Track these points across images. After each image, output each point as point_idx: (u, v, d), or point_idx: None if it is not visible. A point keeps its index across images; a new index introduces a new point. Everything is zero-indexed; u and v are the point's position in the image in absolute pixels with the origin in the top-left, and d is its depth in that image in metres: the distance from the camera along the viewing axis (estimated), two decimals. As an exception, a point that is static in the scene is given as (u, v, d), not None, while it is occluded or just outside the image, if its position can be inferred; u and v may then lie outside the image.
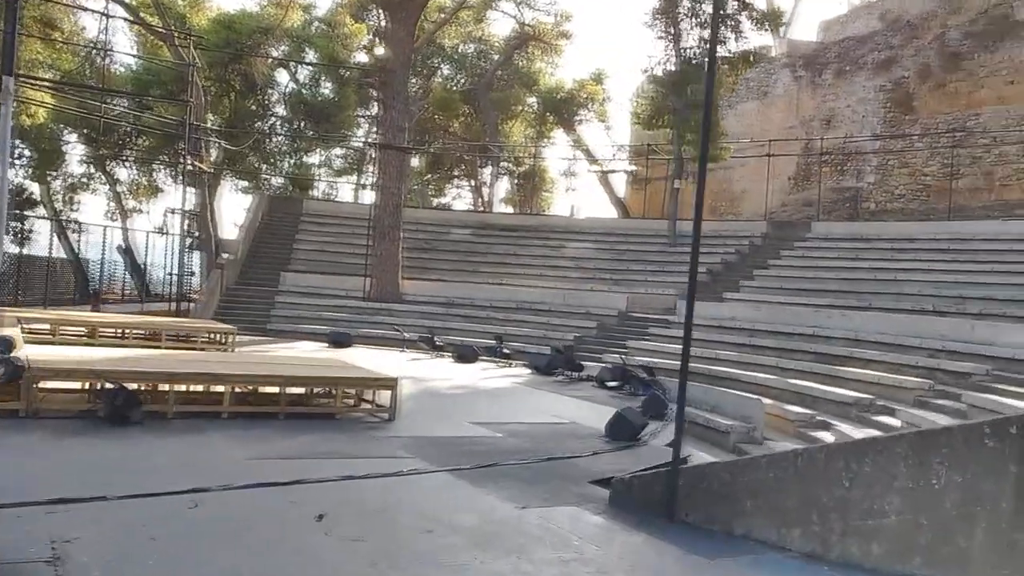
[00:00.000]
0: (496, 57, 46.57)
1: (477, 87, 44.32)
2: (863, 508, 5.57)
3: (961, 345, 16.67)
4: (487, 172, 53.90)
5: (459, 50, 47.45)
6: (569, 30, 42.71)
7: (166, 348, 16.23)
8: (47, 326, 15.93)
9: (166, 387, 9.13)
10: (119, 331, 16.70)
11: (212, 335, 17.59)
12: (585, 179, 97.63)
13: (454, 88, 46.00)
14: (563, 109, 46.09)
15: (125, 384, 8.81)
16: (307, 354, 18.19)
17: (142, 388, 9.31)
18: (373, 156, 50.73)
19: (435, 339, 20.52)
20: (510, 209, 49.52)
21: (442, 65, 48.11)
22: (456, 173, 56.65)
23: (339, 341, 21.04)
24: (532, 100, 47.78)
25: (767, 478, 6.05)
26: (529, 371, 17.61)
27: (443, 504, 6.50)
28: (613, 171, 43.13)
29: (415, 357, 20.04)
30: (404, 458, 8.06)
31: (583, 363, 17.32)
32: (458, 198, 58.68)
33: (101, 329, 16.22)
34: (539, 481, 7.50)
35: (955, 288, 21.60)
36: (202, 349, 16.81)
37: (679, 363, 19.25)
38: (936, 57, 30.19)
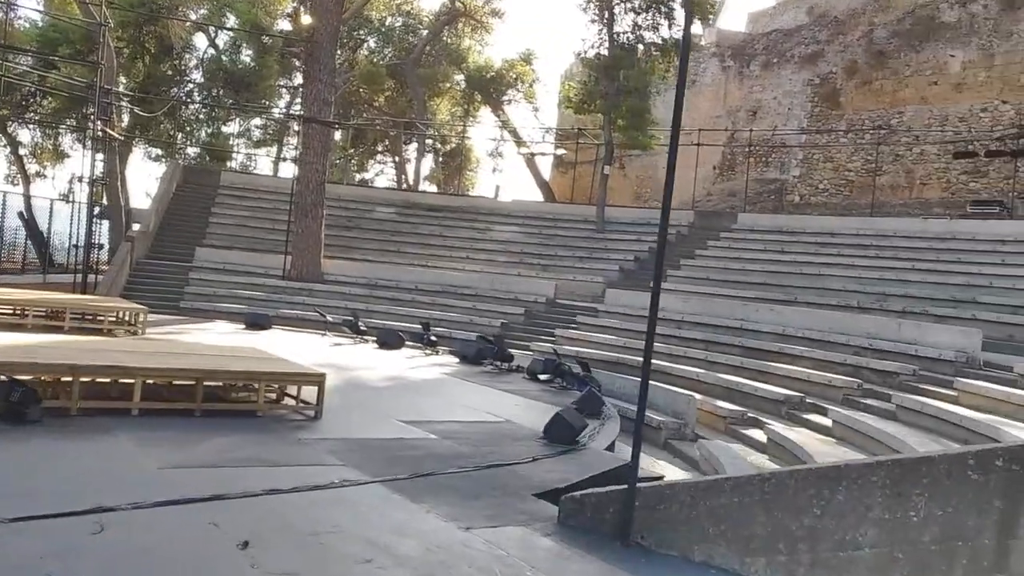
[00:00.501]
0: (424, 32, 45.58)
1: (404, 62, 43.27)
2: (835, 539, 5.24)
3: (888, 344, 16.82)
4: (411, 149, 52.98)
5: (386, 23, 46.31)
6: (500, 8, 41.98)
7: (70, 329, 15.16)
8: (-64, 302, 14.68)
9: (69, 378, 8.28)
10: (18, 309, 15.51)
11: (121, 314, 16.52)
12: (510, 160, 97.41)
13: (380, 62, 44.86)
14: (491, 88, 45.43)
15: (21, 377, 7.96)
16: (223, 337, 17.29)
17: (42, 379, 8.46)
18: (295, 129, 49.37)
19: (359, 323, 19.79)
20: (433, 188, 48.75)
21: (368, 38, 46.89)
22: (379, 149, 55.58)
23: (257, 323, 20.12)
24: (460, 78, 46.96)
25: (731, 503, 5.67)
26: (457, 360, 17.07)
27: (380, 524, 5.94)
28: (542, 153, 42.60)
29: (337, 342, 19.29)
30: (334, 465, 7.45)
31: (512, 352, 16.82)
32: (381, 174, 57.71)
33: (-3, 307, 15.04)
34: (480, 494, 7.00)
35: (878, 285, 21.91)
36: (110, 331, 15.78)
37: (610, 354, 19.03)
38: (863, 54, 30.59)
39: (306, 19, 24.87)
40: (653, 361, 18.80)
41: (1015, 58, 26.26)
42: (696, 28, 41.83)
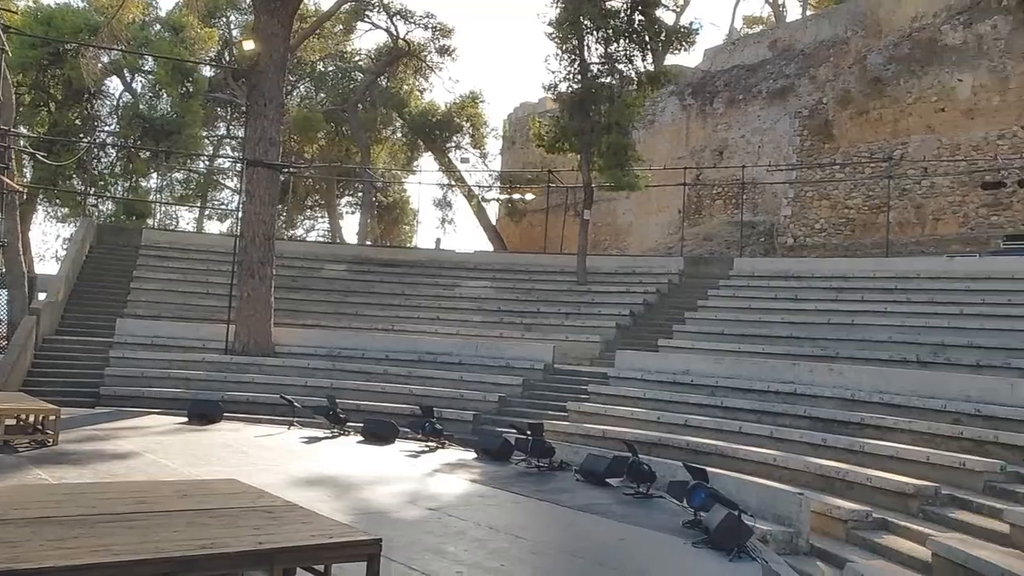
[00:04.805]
0: (362, 76, 42.08)
1: (344, 107, 39.60)
2: None
3: (1002, 409, 13.59)
4: (343, 202, 49.17)
5: (319, 68, 42.66)
6: (450, 45, 38.70)
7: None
8: None
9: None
10: None
11: (23, 418, 12.27)
12: (452, 209, 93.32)
13: (313, 109, 41.00)
14: (435, 133, 42.04)
15: None
16: (165, 442, 13.17)
17: None
18: (223, 182, 45.08)
19: (337, 410, 15.78)
20: (368, 242, 44.97)
21: (300, 84, 43.17)
22: (310, 203, 51.73)
23: (203, 413, 15.96)
24: (401, 123, 43.49)
25: None
26: (474, 455, 13.26)
27: None
28: (512, 198, 39.19)
29: (311, 436, 15.21)
30: None
31: (550, 442, 13.05)
32: (313, 231, 53.89)
33: None
34: None
35: (930, 334, 18.97)
36: (7, 442, 11.53)
37: (647, 432, 15.50)
38: (856, 82, 28.17)
39: (248, 45, 21.05)
40: (702, 440, 15.26)
41: (1033, 80, 24.10)
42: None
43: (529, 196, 38.68)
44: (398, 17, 38.29)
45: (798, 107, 31.31)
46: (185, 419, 15.95)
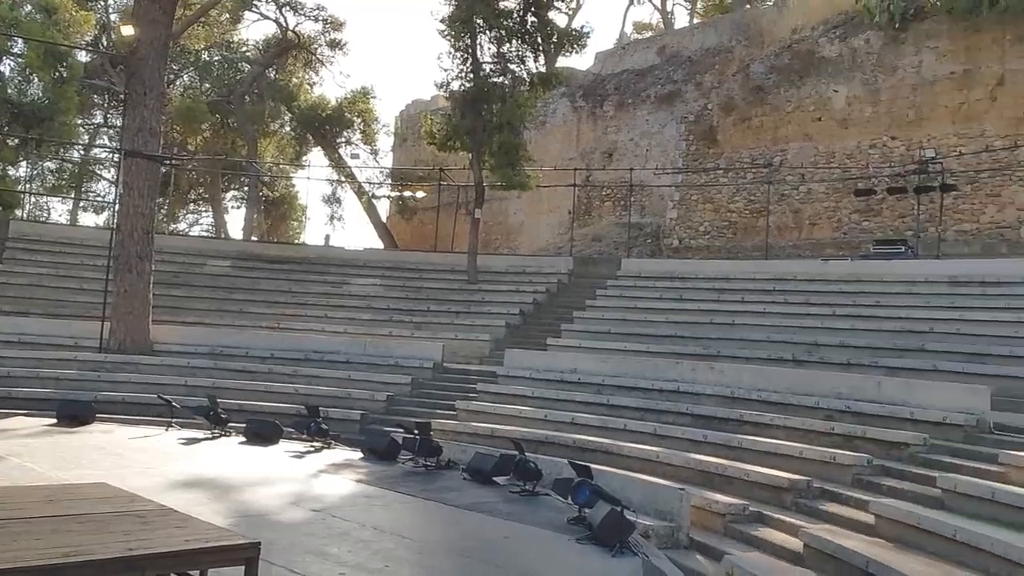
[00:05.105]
0: (249, 67, 40.98)
1: (229, 99, 38.47)
2: None
3: (870, 406, 14.27)
4: (228, 197, 47.90)
5: (204, 57, 41.33)
6: (341, 39, 38.11)
7: None
8: None
9: None
10: None
11: None
12: (342, 206, 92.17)
13: (198, 99, 39.69)
14: (324, 128, 41.30)
15: None
16: (31, 445, 12.50)
17: None
18: (96, 172, 43.20)
19: (218, 410, 15.28)
20: (254, 238, 43.92)
21: (183, 73, 41.72)
22: (193, 197, 50.17)
23: (74, 414, 15.21)
24: (290, 117, 42.55)
25: None
26: (360, 455, 13.08)
27: None
28: (403, 196, 38.79)
29: (191, 437, 14.68)
30: None
31: (439, 443, 12.98)
32: (196, 225, 52.42)
33: None
34: None
35: (804, 334, 19.79)
36: None
37: (535, 431, 15.64)
38: (740, 90, 29.11)
39: (127, 30, 20.20)
40: (588, 438, 15.49)
41: (901, 93, 25.39)
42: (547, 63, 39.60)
43: (420, 194, 38.50)
44: (287, 8, 37.52)
45: (684, 112, 32.15)
46: (54, 420, 15.17)
